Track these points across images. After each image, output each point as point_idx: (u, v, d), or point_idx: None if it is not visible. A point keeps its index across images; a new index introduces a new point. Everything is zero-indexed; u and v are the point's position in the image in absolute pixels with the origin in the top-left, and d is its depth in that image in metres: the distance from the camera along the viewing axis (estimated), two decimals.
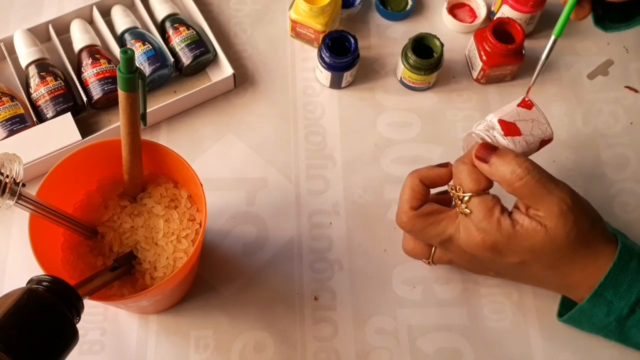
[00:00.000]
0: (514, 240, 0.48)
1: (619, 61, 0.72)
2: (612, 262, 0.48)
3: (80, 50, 0.66)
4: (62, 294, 0.40)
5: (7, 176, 0.41)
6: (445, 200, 0.55)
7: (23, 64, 0.65)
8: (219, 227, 0.62)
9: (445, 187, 0.53)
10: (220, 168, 0.65)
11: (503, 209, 0.48)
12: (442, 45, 0.66)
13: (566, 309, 0.54)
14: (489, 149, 0.48)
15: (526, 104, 0.53)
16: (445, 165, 0.52)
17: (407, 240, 0.56)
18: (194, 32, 0.68)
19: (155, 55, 0.66)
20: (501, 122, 0.52)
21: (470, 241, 0.49)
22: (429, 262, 0.56)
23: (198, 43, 0.68)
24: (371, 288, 0.60)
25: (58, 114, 0.63)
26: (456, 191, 0.50)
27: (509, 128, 0.51)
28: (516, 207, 0.50)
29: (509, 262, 0.50)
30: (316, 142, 0.66)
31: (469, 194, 0.49)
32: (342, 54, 0.66)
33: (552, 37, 0.52)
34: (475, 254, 0.50)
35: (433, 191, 0.54)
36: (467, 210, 0.49)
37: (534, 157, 0.50)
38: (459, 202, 0.49)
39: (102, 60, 0.66)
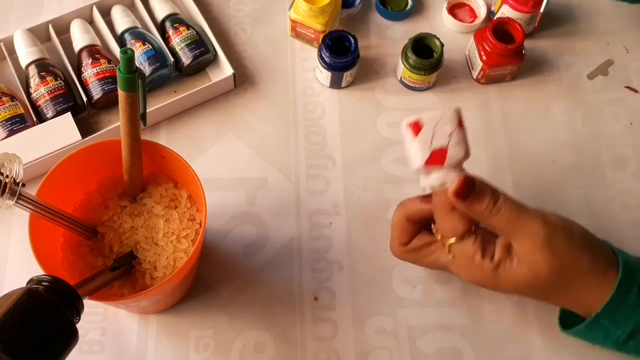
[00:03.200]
0: (500, 282, 0.48)
1: (619, 61, 0.72)
2: (611, 292, 0.46)
3: (80, 50, 0.66)
4: (62, 294, 0.40)
5: (7, 176, 0.41)
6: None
7: (23, 64, 0.65)
8: (219, 227, 0.62)
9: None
10: (220, 168, 0.65)
11: (484, 253, 0.48)
12: (442, 45, 0.66)
13: (566, 320, 0.54)
14: (468, 188, 0.46)
15: (417, 126, 0.48)
16: (429, 198, 0.50)
17: (394, 247, 0.57)
18: (194, 32, 0.68)
19: (155, 55, 0.66)
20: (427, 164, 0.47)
21: (462, 275, 0.50)
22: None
23: (198, 43, 0.68)
24: (371, 288, 0.60)
25: (58, 114, 0.63)
26: (438, 236, 0.51)
27: (432, 159, 0.47)
28: (499, 241, 0.48)
29: (504, 291, 0.50)
30: (316, 142, 0.66)
31: (450, 240, 0.49)
32: (342, 54, 0.66)
33: None
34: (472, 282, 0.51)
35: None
36: (450, 256, 0.50)
37: (534, 160, 0.50)
38: (443, 246, 0.50)
39: (102, 60, 0.66)
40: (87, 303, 0.43)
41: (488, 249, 0.48)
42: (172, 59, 0.67)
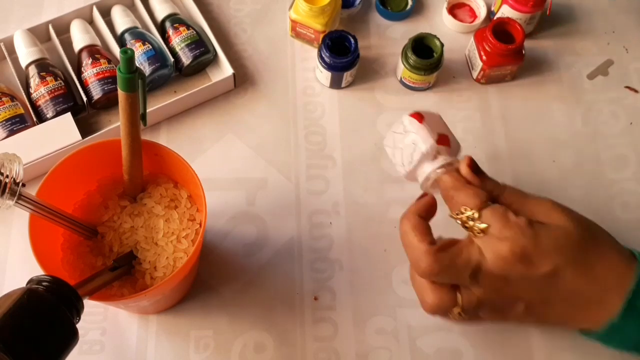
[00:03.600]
0: (538, 240, 0.45)
1: (619, 61, 0.72)
2: (634, 265, 0.46)
3: (80, 50, 0.66)
4: (62, 294, 0.40)
5: (7, 176, 0.41)
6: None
7: (23, 64, 0.65)
8: (219, 227, 0.62)
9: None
10: (220, 168, 0.65)
11: (515, 211, 0.47)
12: (442, 45, 0.66)
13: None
14: (476, 165, 0.49)
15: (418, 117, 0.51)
16: (425, 194, 0.51)
17: (429, 294, 0.48)
18: (194, 32, 0.68)
19: (155, 55, 0.66)
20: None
21: (498, 258, 0.45)
22: (459, 313, 0.48)
23: (198, 43, 0.68)
24: (371, 288, 0.60)
25: (58, 114, 0.63)
26: (463, 212, 0.47)
27: (443, 139, 0.51)
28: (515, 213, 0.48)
29: (541, 273, 0.46)
30: (316, 142, 0.66)
31: (477, 209, 0.47)
32: (342, 54, 0.66)
33: None
34: (506, 275, 0.46)
35: None
36: (483, 225, 0.46)
37: (535, 159, 0.50)
38: (471, 222, 0.46)
39: (102, 60, 0.66)
40: (87, 303, 0.43)
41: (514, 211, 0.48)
42: (172, 59, 0.67)
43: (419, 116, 0.51)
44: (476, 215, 0.46)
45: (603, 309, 0.48)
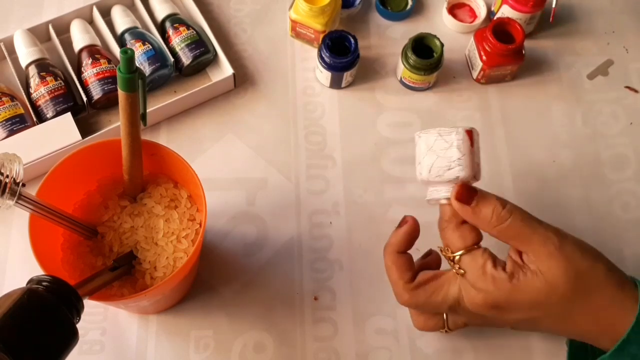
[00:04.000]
0: (514, 296, 0.45)
1: (619, 61, 0.72)
2: (633, 311, 0.43)
3: (80, 50, 0.66)
4: (62, 294, 0.40)
5: (7, 176, 0.41)
6: (431, 262, 0.53)
7: (23, 64, 0.65)
8: (219, 227, 0.62)
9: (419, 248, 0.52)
10: (220, 168, 0.65)
11: (496, 263, 0.46)
12: (442, 45, 0.66)
13: (577, 355, 0.51)
14: (470, 191, 0.46)
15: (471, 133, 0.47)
16: (405, 221, 0.51)
17: (417, 317, 0.53)
18: (194, 32, 0.68)
19: (155, 55, 0.66)
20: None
21: (473, 302, 0.47)
22: (445, 331, 0.52)
23: (198, 43, 0.68)
24: (371, 288, 0.60)
25: (58, 114, 0.63)
26: (446, 252, 0.48)
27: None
28: (509, 256, 0.47)
29: (517, 318, 0.46)
30: (316, 142, 0.66)
31: (459, 252, 0.46)
32: (342, 54, 0.66)
33: None
34: (482, 314, 0.47)
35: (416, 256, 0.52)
36: (462, 271, 0.46)
37: (531, 162, 0.50)
38: (452, 263, 0.47)
39: (102, 60, 0.66)
40: (87, 303, 0.43)
41: (498, 261, 0.46)
42: (172, 59, 0.67)
43: (471, 136, 0.47)
44: (457, 258, 0.47)
45: (594, 343, 0.48)
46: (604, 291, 0.45)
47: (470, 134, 0.47)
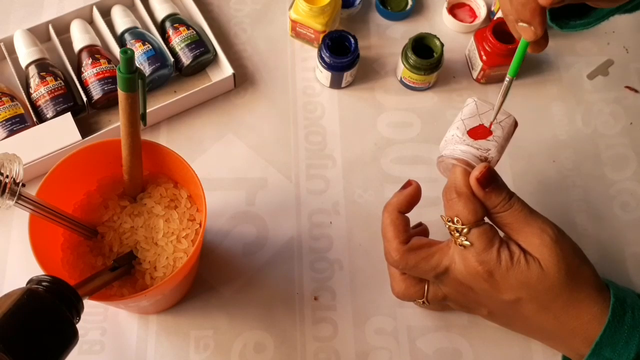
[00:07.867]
0: (511, 273, 0.46)
1: (619, 61, 0.72)
2: (607, 315, 0.46)
3: (80, 50, 0.66)
4: (62, 294, 0.40)
5: (7, 176, 0.41)
6: (420, 233, 0.54)
7: (23, 64, 0.65)
8: (219, 227, 0.62)
9: (413, 217, 0.52)
10: (220, 168, 0.65)
11: (502, 240, 0.47)
12: (442, 45, 0.66)
13: None
14: (491, 177, 0.47)
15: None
16: (410, 183, 0.52)
17: (398, 282, 0.54)
18: (194, 32, 0.68)
19: (155, 55, 0.66)
20: (470, 132, 0.50)
21: (468, 272, 0.48)
22: (423, 302, 0.53)
23: (198, 43, 0.68)
24: (371, 288, 0.60)
25: (58, 114, 0.63)
26: (453, 223, 0.48)
27: (476, 132, 0.49)
28: (511, 240, 0.48)
29: (504, 298, 0.48)
30: (316, 142, 0.66)
31: (468, 225, 0.47)
32: (342, 54, 0.66)
33: (507, 78, 0.48)
34: (472, 286, 0.49)
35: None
36: (467, 243, 0.47)
37: (534, 160, 0.50)
38: (457, 234, 0.47)
39: (102, 60, 0.66)
40: (87, 303, 0.43)
41: (502, 240, 0.48)
42: (172, 59, 0.67)
43: (514, 128, 0.50)
44: (465, 231, 0.47)
45: (566, 347, 0.50)
46: (588, 290, 0.47)
47: (515, 126, 0.50)
